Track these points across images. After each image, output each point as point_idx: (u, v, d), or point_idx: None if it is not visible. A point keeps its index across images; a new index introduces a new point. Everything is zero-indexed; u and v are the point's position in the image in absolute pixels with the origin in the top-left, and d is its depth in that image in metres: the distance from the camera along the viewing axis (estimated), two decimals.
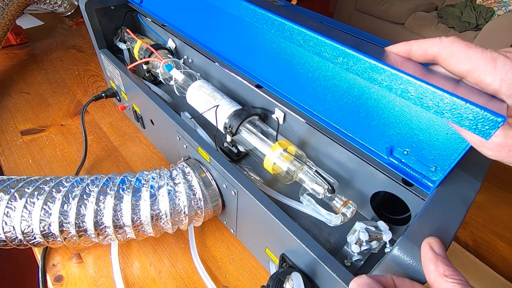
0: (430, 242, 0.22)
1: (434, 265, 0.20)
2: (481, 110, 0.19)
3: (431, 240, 0.22)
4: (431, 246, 0.21)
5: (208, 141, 0.43)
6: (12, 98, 0.69)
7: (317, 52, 0.29)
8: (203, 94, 0.44)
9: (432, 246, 0.21)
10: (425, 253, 0.21)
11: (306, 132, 0.38)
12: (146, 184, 0.37)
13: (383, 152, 0.30)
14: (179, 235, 0.45)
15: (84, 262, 0.41)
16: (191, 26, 0.49)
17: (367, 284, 0.20)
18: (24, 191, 0.35)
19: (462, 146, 0.25)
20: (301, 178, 0.35)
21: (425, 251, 0.21)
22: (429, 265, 0.20)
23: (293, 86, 0.36)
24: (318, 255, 0.28)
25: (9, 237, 0.34)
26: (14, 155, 0.55)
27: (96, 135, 0.60)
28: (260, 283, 0.40)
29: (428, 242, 0.22)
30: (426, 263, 0.21)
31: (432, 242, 0.22)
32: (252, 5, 0.34)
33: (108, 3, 0.57)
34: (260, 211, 0.33)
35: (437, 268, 0.20)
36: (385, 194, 0.33)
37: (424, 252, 0.21)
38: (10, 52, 0.85)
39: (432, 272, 0.20)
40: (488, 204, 0.57)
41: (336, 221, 0.32)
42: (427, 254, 0.21)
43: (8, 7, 0.69)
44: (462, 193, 0.26)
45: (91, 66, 0.82)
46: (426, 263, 0.21)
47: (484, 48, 0.21)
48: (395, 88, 0.24)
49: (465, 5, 2.03)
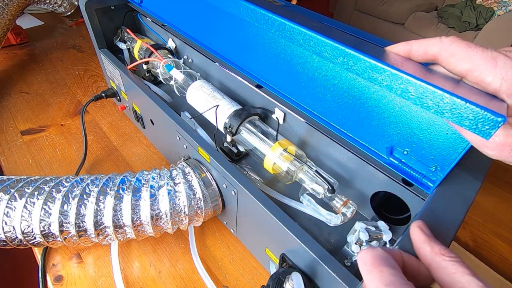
0: (420, 225, 0.22)
1: (429, 246, 0.20)
2: (481, 110, 0.19)
3: (419, 223, 0.22)
4: (421, 229, 0.21)
5: (208, 141, 0.43)
6: (12, 98, 0.69)
7: (317, 52, 0.29)
8: (203, 94, 0.44)
9: (422, 228, 0.21)
10: (417, 236, 0.21)
11: (306, 132, 0.38)
12: (146, 184, 0.37)
13: (383, 152, 0.30)
14: (179, 235, 0.45)
15: (84, 262, 0.41)
16: (191, 26, 0.49)
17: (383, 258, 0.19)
18: (24, 191, 0.35)
19: (462, 146, 0.25)
20: (301, 178, 0.35)
21: (417, 234, 0.21)
22: (424, 246, 0.20)
23: (293, 86, 0.36)
24: (318, 255, 0.28)
25: (9, 237, 0.34)
26: (14, 155, 0.55)
27: (96, 135, 0.60)
28: (260, 283, 0.40)
29: (417, 225, 0.22)
30: (420, 245, 0.20)
31: (421, 225, 0.22)
32: (252, 5, 0.34)
33: (108, 3, 0.57)
34: (260, 211, 0.33)
35: (432, 249, 0.19)
36: (385, 194, 0.33)
37: (416, 235, 0.21)
38: (10, 52, 0.85)
39: (428, 252, 0.20)
40: (488, 204, 0.57)
41: (336, 221, 0.32)
42: (420, 237, 0.21)
43: (8, 7, 0.69)
44: (462, 193, 0.26)
45: (91, 66, 0.82)
46: (420, 246, 0.20)
47: (485, 47, 0.21)
48: (395, 88, 0.24)
49: (465, 5, 2.03)
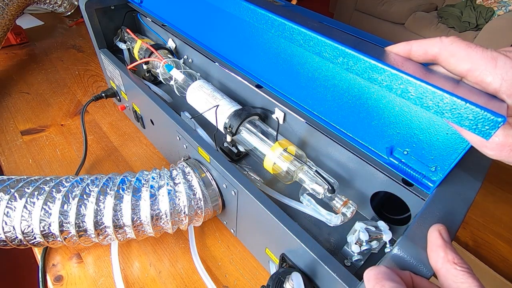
0: (440, 229, 0.21)
1: (444, 251, 0.19)
2: (481, 110, 0.19)
3: (440, 227, 0.21)
4: (440, 233, 0.21)
5: (208, 141, 0.43)
6: (12, 98, 0.69)
7: (317, 52, 0.29)
8: (203, 94, 0.44)
9: (441, 232, 0.21)
10: (434, 239, 0.20)
11: (306, 132, 0.38)
12: (146, 184, 0.37)
13: (383, 152, 0.30)
14: (179, 235, 0.45)
15: (84, 262, 0.41)
16: (191, 26, 0.49)
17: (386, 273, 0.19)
18: (24, 191, 0.35)
19: (462, 146, 0.24)
20: (301, 178, 0.35)
21: (434, 237, 0.21)
22: (438, 251, 0.20)
23: (293, 86, 0.36)
24: (318, 255, 0.28)
25: (9, 237, 0.34)
26: (14, 155, 0.55)
27: (96, 135, 0.60)
28: (260, 283, 0.40)
29: (437, 228, 0.21)
30: (435, 249, 0.20)
31: (441, 229, 0.21)
32: (252, 5, 0.34)
33: (108, 3, 0.57)
34: (260, 211, 0.33)
35: (446, 255, 0.19)
36: (385, 194, 0.33)
37: (433, 238, 0.21)
38: (10, 52, 0.85)
39: (440, 258, 0.19)
40: (488, 204, 0.57)
41: (336, 221, 0.32)
42: (437, 240, 0.20)
43: (8, 7, 0.69)
44: (462, 193, 0.26)
45: (91, 66, 0.82)
46: (435, 249, 0.20)
47: (485, 47, 0.21)
48: (395, 88, 0.24)
49: (465, 5, 2.03)
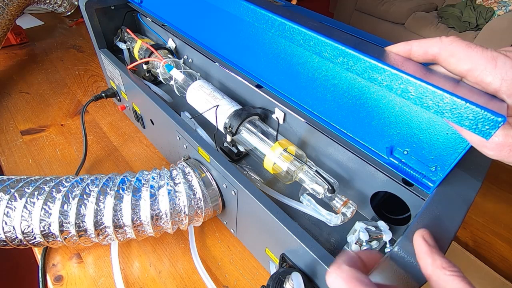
0: (423, 234, 0.21)
1: (431, 258, 0.19)
2: (481, 110, 0.19)
3: (423, 232, 0.21)
4: (424, 239, 0.21)
5: (208, 141, 0.43)
6: (12, 98, 0.69)
7: (317, 52, 0.29)
8: (203, 94, 0.44)
9: (425, 238, 0.21)
10: (419, 246, 0.21)
11: (306, 132, 0.38)
12: (146, 184, 0.37)
13: (383, 152, 0.30)
14: (179, 235, 0.45)
15: (84, 262, 0.41)
16: (191, 26, 0.49)
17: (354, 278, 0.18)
18: (24, 191, 0.35)
19: (462, 146, 0.24)
20: (301, 178, 0.35)
21: (419, 244, 0.21)
22: (425, 258, 0.20)
23: (293, 86, 0.36)
24: (318, 255, 0.28)
25: (9, 237, 0.34)
26: (14, 155, 0.55)
27: (96, 135, 0.60)
28: (260, 283, 0.40)
29: (421, 234, 0.21)
30: (422, 256, 0.20)
31: (425, 234, 0.21)
32: (252, 5, 0.34)
33: (108, 3, 0.57)
34: (260, 211, 0.33)
35: (434, 261, 0.19)
36: (385, 194, 0.33)
37: (418, 245, 0.21)
38: (10, 52, 0.85)
39: (429, 265, 0.19)
40: (488, 204, 0.57)
41: (336, 221, 0.32)
42: (422, 247, 0.20)
43: (8, 7, 0.69)
44: (462, 193, 0.26)
45: (91, 66, 0.82)
46: (422, 256, 0.20)
47: (485, 47, 0.21)
48: (395, 88, 0.24)
49: (465, 5, 2.03)
